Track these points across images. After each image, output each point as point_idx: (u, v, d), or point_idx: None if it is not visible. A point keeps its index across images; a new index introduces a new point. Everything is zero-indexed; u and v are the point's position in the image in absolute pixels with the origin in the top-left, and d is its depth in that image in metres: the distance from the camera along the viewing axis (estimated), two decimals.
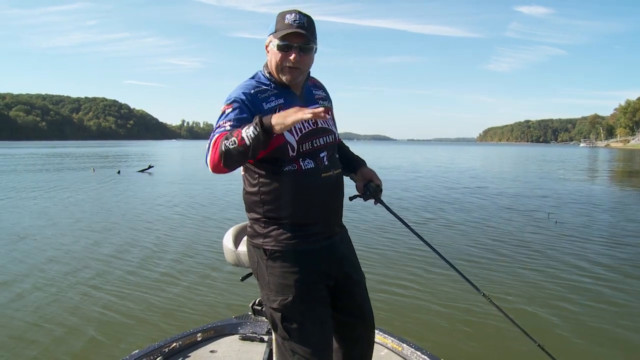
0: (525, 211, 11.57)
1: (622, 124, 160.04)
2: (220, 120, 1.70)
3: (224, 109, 1.72)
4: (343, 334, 1.99)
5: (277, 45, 1.75)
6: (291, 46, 1.74)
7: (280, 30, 1.74)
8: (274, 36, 1.76)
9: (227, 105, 1.73)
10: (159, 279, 5.88)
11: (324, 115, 1.49)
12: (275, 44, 1.76)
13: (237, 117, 1.67)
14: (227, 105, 1.72)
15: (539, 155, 61.60)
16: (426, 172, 25.69)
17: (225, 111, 1.71)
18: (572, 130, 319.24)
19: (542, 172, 26.96)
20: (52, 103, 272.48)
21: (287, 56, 1.74)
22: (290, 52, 1.74)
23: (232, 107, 1.71)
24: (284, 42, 1.73)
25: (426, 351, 2.55)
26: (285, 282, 1.78)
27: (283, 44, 1.73)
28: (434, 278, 5.91)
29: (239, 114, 1.68)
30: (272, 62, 1.79)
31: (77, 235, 8.59)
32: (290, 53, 1.74)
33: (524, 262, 6.75)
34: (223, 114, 1.71)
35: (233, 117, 1.68)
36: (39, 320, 4.57)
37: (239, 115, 1.68)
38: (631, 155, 65.82)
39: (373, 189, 2.02)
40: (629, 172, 31.08)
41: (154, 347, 2.63)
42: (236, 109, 1.70)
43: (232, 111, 1.70)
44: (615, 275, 6.10)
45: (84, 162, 35.21)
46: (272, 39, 1.77)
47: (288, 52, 1.74)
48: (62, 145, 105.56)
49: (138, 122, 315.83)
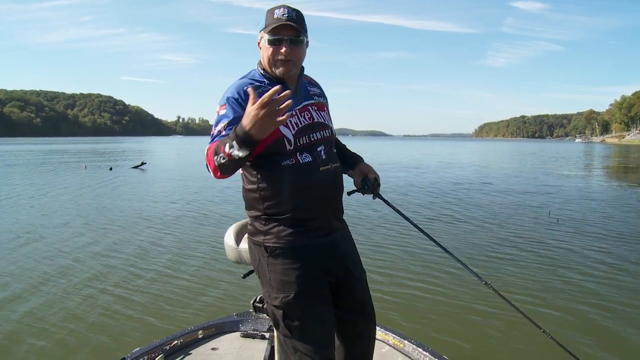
0: (528, 207, 11.56)
1: (618, 119, 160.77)
2: (216, 124, 1.73)
3: (218, 110, 1.76)
4: (344, 331, 1.99)
5: (267, 40, 1.79)
6: (281, 39, 1.78)
7: (270, 25, 1.78)
8: (265, 31, 1.80)
9: (221, 106, 1.76)
10: (158, 277, 5.86)
11: (280, 96, 1.47)
12: (266, 39, 1.80)
13: (232, 119, 1.69)
14: (221, 107, 1.76)
15: (537, 150, 61.56)
16: (427, 168, 25.58)
17: (219, 113, 1.75)
18: (567, 125, 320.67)
19: (546, 169, 26.57)
20: (46, 99, 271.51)
21: (278, 49, 1.78)
22: (281, 45, 1.78)
23: (225, 108, 1.74)
24: (274, 35, 1.77)
25: (428, 348, 2.55)
26: (286, 279, 1.78)
27: (274, 37, 1.78)
28: (435, 274, 5.90)
29: (233, 115, 1.71)
30: (265, 57, 1.83)
31: (71, 233, 8.53)
32: (281, 46, 1.78)
33: (528, 258, 6.72)
34: (218, 114, 1.75)
35: (228, 119, 1.70)
36: (38, 321, 4.54)
37: (233, 116, 1.70)
38: (627, 150, 66.02)
39: (371, 183, 2.04)
40: (634, 167, 31.09)
41: (155, 344, 2.62)
42: (230, 110, 1.73)
43: (225, 113, 1.73)
44: (621, 273, 6.09)
45: (77, 159, 34.64)
46: (263, 35, 1.81)
47: (279, 45, 1.78)
48: (56, 141, 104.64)
49: (133, 118, 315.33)
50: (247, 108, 1.51)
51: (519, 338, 4.15)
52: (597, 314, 4.77)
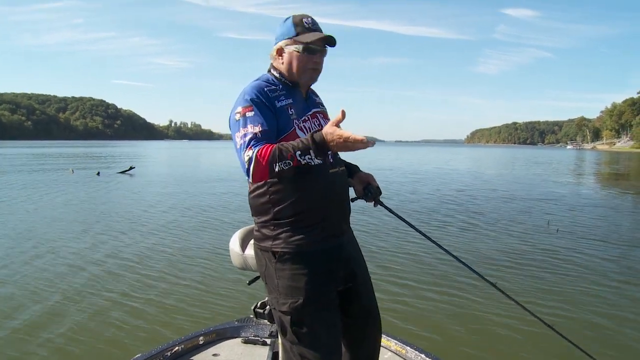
0: (527, 213, 11.61)
1: (608, 126, 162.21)
2: (244, 124, 1.72)
3: (244, 112, 1.74)
4: (350, 336, 1.97)
5: (303, 48, 1.82)
6: (318, 50, 1.84)
7: (302, 34, 1.82)
8: (297, 39, 1.82)
9: (246, 107, 1.75)
10: (158, 283, 5.81)
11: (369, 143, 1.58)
12: (299, 48, 1.82)
13: (263, 119, 1.72)
14: (246, 108, 1.74)
15: (531, 157, 61.81)
16: (425, 174, 25.69)
17: (246, 114, 1.73)
18: (558, 132, 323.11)
19: (545, 175, 26.66)
20: (38, 102, 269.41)
21: (312, 59, 1.84)
22: (317, 55, 1.85)
23: (252, 109, 1.74)
24: (314, 46, 1.82)
25: (430, 354, 2.54)
26: (295, 284, 1.77)
27: (314, 48, 1.83)
28: (437, 280, 5.89)
29: (262, 115, 1.73)
30: (294, 64, 1.85)
31: (68, 239, 8.47)
32: (317, 56, 1.85)
33: (533, 266, 6.68)
34: (244, 116, 1.73)
35: (259, 120, 1.71)
36: (37, 329, 4.48)
37: (262, 116, 1.72)
38: (618, 157, 66.62)
39: (374, 190, 2.06)
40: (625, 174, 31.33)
41: (155, 351, 2.59)
42: (257, 110, 1.74)
43: (254, 114, 1.73)
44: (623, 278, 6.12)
45: (66, 162, 33.99)
46: (294, 43, 1.83)
47: (314, 55, 1.84)
48: (46, 145, 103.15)
49: (125, 122, 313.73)
50: (332, 128, 1.60)
51: (523, 344, 4.14)
52: (609, 320, 4.74)
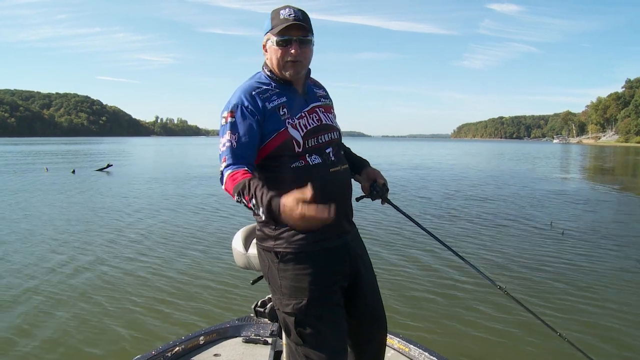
0: (527, 213, 11.53)
1: (594, 120, 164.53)
2: (224, 132, 1.70)
3: (227, 117, 1.73)
4: (355, 336, 1.95)
5: (276, 41, 1.75)
6: (290, 40, 1.74)
7: (277, 26, 1.74)
8: (272, 33, 1.77)
9: (229, 112, 1.73)
10: (157, 283, 5.75)
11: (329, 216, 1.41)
12: (274, 41, 1.76)
13: (243, 128, 1.69)
14: (229, 113, 1.73)
15: (518, 151, 62.28)
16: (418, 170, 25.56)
17: (228, 120, 1.72)
18: (544, 126, 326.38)
19: (541, 171, 26.57)
20: (21, 99, 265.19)
21: (287, 51, 1.75)
22: (290, 46, 1.75)
23: (234, 115, 1.71)
24: (283, 36, 1.74)
25: (433, 352, 2.54)
26: (298, 285, 1.74)
27: (282, 38, 1.74)
28: (441, 279, 5.89)
29: (243, 123, 1.70)
30: (273, 59, 1.79)
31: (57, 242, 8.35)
32: (291, 47, 1.75)
33: (539, 265, 6.61)
34: (226, 123, 1.72)
35: (237, 130, 1.69)
36: (36, 328, 4.44)
37: (243, 123, 1.70)
38: (603, 151, 67.47)
39: (380, 188, 2.00)
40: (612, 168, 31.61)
41: (156, 351, 2.56)
42: (239, 117, 1.71)
43: (235, 121, 1.71)
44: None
45: (44, 161, 32.55)
46: (270, 37, 1.78)
47: (288, 46, 1.74)
48: (28, 142, 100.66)
49: (111, 119, 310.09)
50: (290, 201, 1.43)
51: (528, 343, 4.13)
52: (613, 320, 4.72)
